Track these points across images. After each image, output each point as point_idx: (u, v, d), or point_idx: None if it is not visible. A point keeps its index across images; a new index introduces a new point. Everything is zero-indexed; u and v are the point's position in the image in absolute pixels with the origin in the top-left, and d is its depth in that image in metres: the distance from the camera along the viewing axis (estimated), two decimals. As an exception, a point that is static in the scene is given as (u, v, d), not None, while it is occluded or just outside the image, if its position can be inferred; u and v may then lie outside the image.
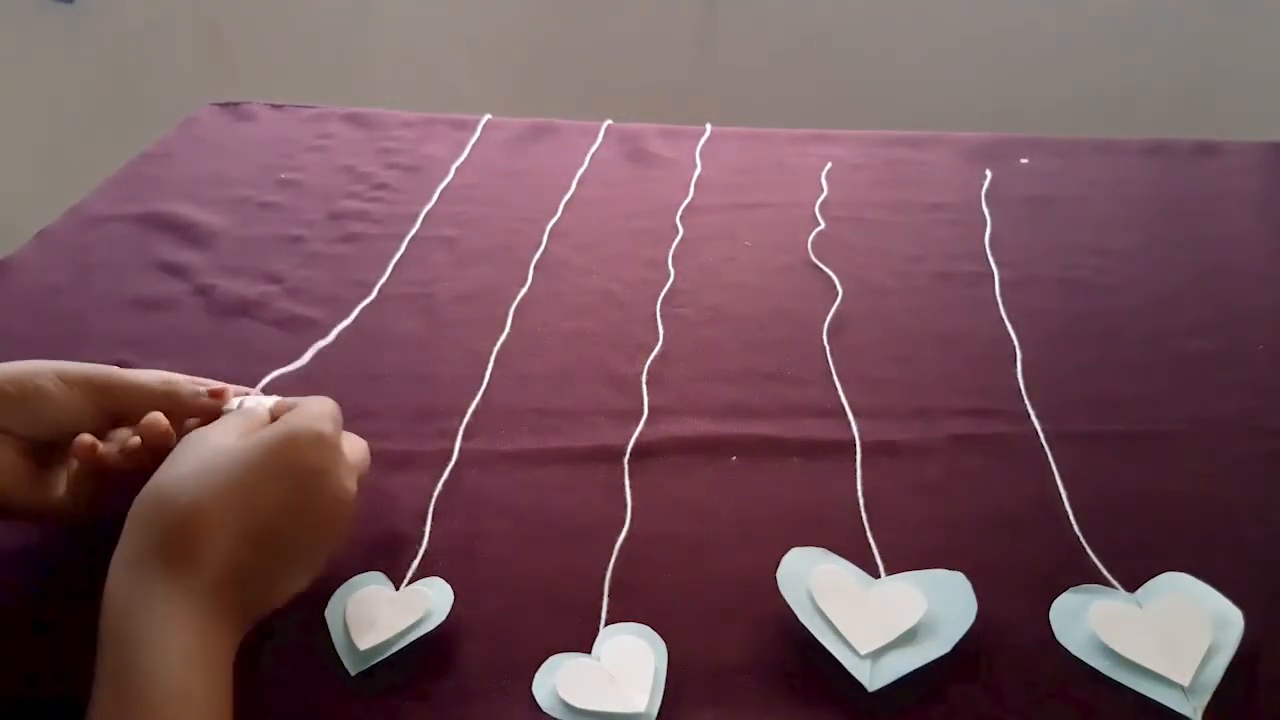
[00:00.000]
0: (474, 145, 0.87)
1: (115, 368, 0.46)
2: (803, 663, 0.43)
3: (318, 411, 0.43)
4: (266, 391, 0.53)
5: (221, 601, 0.38)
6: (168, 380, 0.46)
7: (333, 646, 0.43)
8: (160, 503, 0.39)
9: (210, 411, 0.46)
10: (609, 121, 0.90)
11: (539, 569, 0.48)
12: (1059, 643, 0.43)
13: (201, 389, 0.47)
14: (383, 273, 0.70)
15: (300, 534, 0.41)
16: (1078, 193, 0.79)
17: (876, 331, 0.64)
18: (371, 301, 0.67)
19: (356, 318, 0.65)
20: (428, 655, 0.43)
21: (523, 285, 0.68)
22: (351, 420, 0.56)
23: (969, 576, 0.44)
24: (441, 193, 0.80)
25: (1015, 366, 0.60)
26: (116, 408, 0.46)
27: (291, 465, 0.40)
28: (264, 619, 0.41)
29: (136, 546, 0.38)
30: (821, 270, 0.70)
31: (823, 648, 0.42)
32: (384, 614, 0.44)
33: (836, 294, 0.67)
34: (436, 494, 0.52)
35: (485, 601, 0.46)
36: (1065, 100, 1.36)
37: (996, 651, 0.43)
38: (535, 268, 0.70)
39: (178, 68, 1.50)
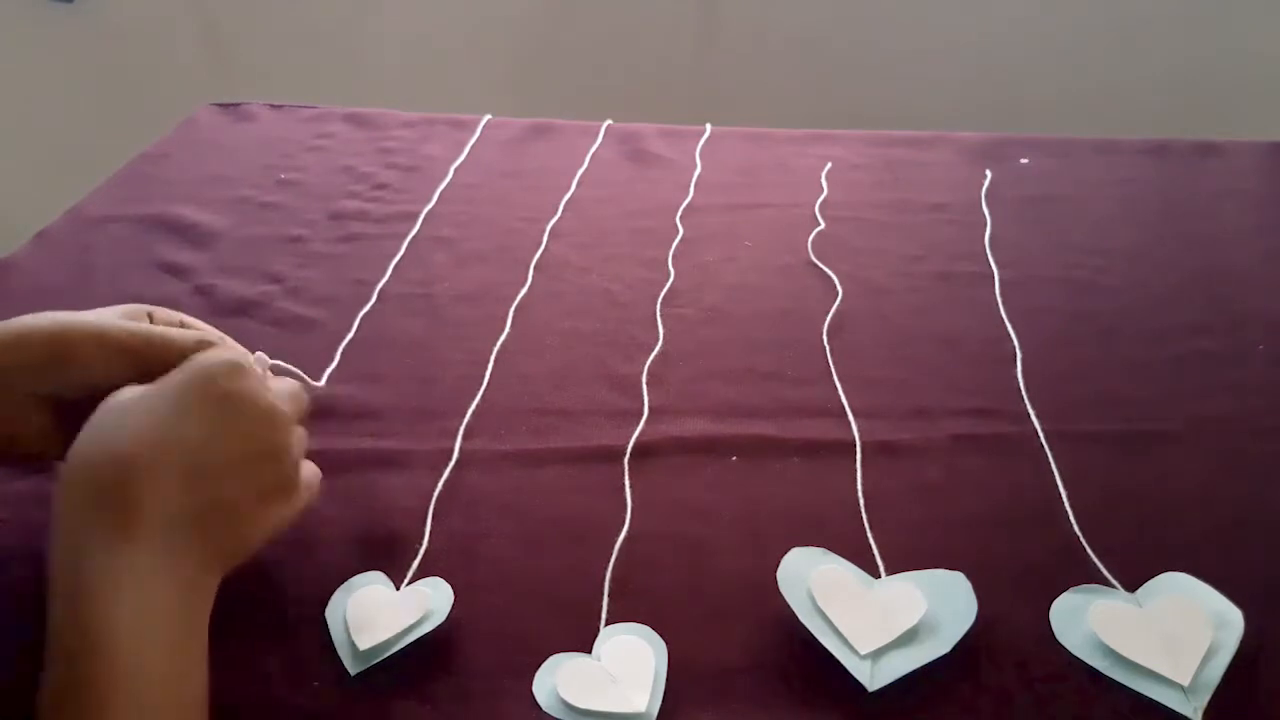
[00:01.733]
0: (474, 145, 0.87)
1: (155, 327, 0.45)
2: (803, 663, 0.43)
3: (223, 347, 0.44)
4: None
5: (178, 548, 0.37)
6: (202, 342, 0.45)
7: (333, 646, 0.43)
8: (88, 458, 0.38)
9: None
10: (609, 121, 0.90)
11: (539, 569, 0.48)
12: (1059, 643, 0.43)
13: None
14: (383, 273, 0.70)
15: (245, 464, 0.40)
16: (1078, 193, 0.79)
17: (876, 331, 0.64)
18: (372, 302, 0.67)
19: (353, 317, 0.65)
20: (428, 655, 0.43)
21: (523, 285, 0.68)
22: (352, 419, 0.57)
23: (969, 576, 0.44)
24: (441, 193, 0.80)
25: (1015, 366, 0.60)
26: (151, 369, 0.45)
27: (208, 393, 0.40)
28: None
29: (73, 509, 0.37)
30: (821, 270, 0.70)
31: (823, 648, 0.42)
32: (384, 614, 0.44)
33: (836, 294, 0.67)
34: (436, 494, 0.52)
35: (485, 601, 0.46)
36: (1065, 100, 1.36)
37: (996, 651, 0.43)
38: (535, 267, 0.70)
39: (178, 68, 1.50)
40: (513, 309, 0.66)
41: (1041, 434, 0.55)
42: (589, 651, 0.43)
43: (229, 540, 0.40)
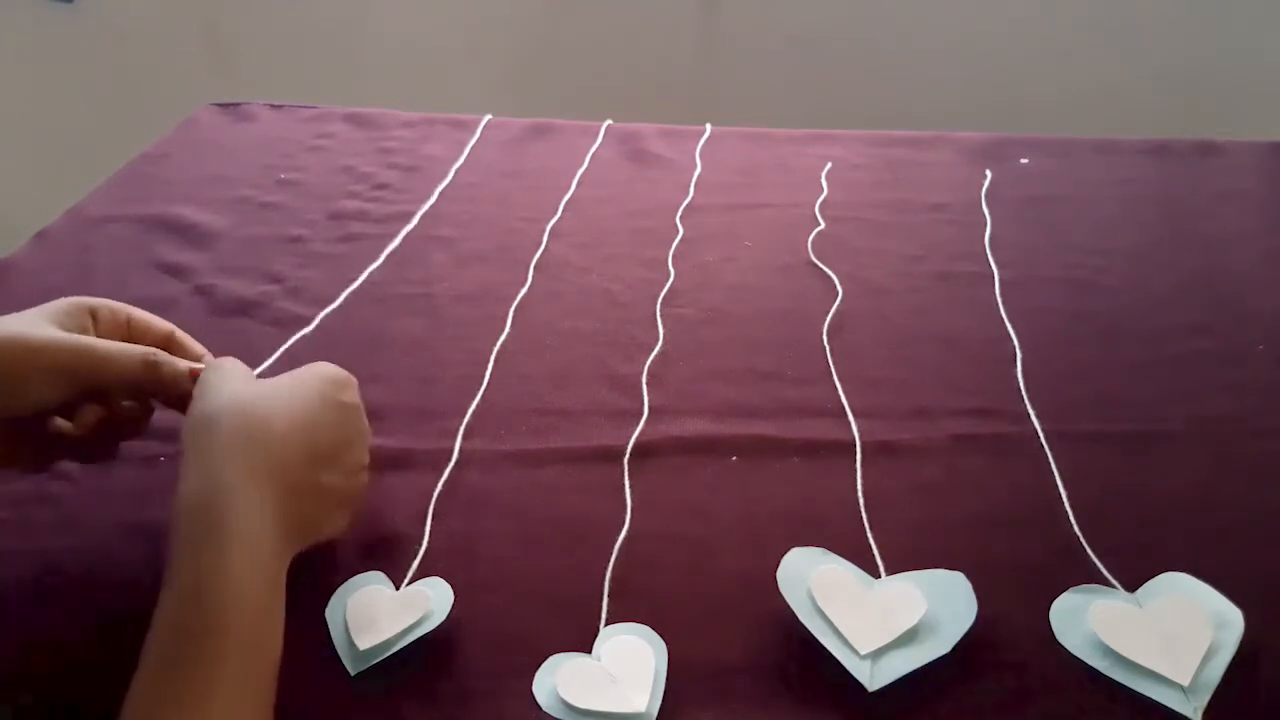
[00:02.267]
0: (474, 145, 0.87)
1: (95, 342, 0.45)
2: (803, 663, 0.43)
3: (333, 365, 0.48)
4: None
5: (289, 515, 0.41)
6: (148, 362, 0.45)
7: (333, 646, 0.43)
8: (247, 413, 0.42)
9: (186, 395, 0.45)
10: (609, 121, 0.90)
11: (539, 569, 0.48)
12: (1059, 643, 0.43)
13: (183, 370, 0.46)
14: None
15: (343, 462, 0.45)
16: (1078, 193, 0.79)
17: (876, 331, 0.64)
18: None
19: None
20: (428, 655, 0.43)
21: (523, 285, 0.68)
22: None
23: (969, 576, 0.44)
24: (441, 193, 0.80)
25: (1015, 366, 0.60)
26: (92, 387, 0.45)
27: (336, 399, 0.46)
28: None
29: (222, 449, 0.40)
30: (821, 270, 0.70)
31: (823, 648, 0.42)
32: (384, 614, 0.44)
33: (836, 294, 0.67)
34: (436, 494, 0.52)
35: (485, 601, 0.46)
36: (1065, 100, 1.36)
37: (996, 651, 0.43)
38: (535, 267, 0.70)
39: (178, 68, 1.50)
40: (513, 309, 0.66)
41: (1041, 434, 0.55)
42: (589, 651, 0.43)
43: (310, 523, 0.43)
